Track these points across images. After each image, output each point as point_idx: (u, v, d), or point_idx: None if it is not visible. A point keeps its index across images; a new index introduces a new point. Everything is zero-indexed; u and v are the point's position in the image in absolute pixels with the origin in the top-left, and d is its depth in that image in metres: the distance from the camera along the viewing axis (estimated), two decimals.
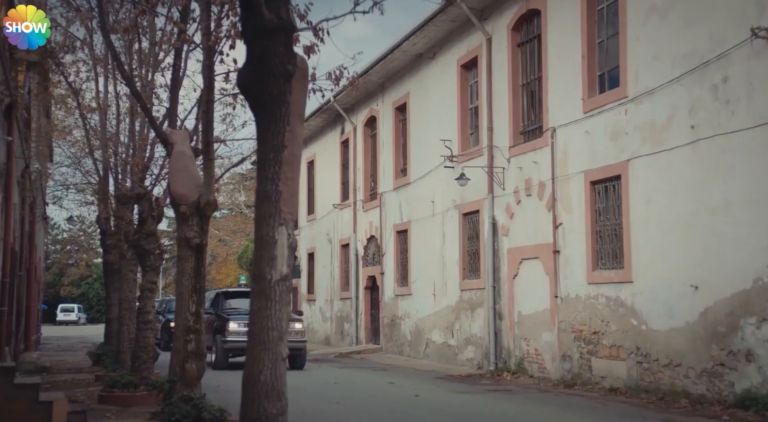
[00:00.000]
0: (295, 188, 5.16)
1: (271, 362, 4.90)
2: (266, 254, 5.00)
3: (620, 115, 13.19)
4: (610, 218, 13.59)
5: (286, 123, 5.07)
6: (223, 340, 18.27)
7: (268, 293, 4.97)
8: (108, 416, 10.73)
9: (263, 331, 4.95)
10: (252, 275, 5.10)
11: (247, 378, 4.95)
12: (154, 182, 13.06)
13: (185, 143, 8.90)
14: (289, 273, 5.09)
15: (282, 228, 5.05)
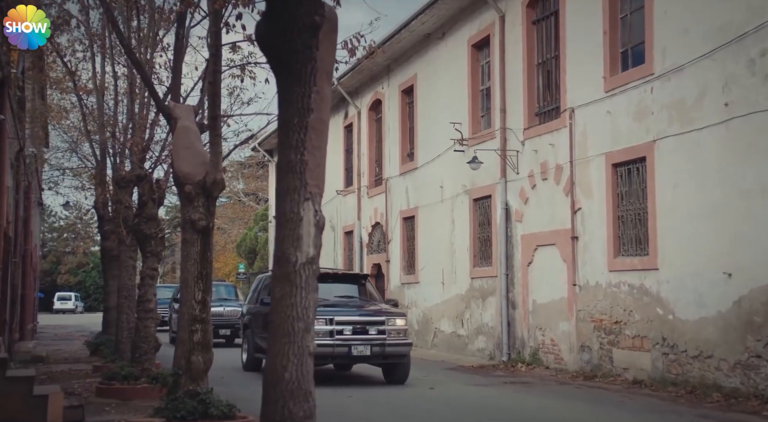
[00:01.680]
0: (322, 157, 4.50)
1: (297, 357, 4.27)
2: (290, 234, 4.36)
3: (645, 93, 12.53)
4: (634, 203, 12.95)
5: (312, 83, 4.42)
6: None
7: (292, 278, 4.33)
8: (107, 410, 10.12)
9: (287, 322, 4.31)
10: (274, 257, 4.46)
11: (269, 376, 4.31)
12: (155, 164, 12.41)
13: (190, 117, 8.25)
14: (316, 255, 4.44)
15: (308, 204, 4.40)
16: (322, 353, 11.50)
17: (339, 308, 12.99)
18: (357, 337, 12.45)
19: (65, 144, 22.17)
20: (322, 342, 11.74)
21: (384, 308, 13.51)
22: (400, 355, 12.78)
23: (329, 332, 12.27)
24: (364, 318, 12.79)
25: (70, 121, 19.32)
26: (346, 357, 12.58)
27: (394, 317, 12.96)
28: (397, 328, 12.80)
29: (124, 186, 14.25)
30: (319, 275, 4.44)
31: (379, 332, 12.56)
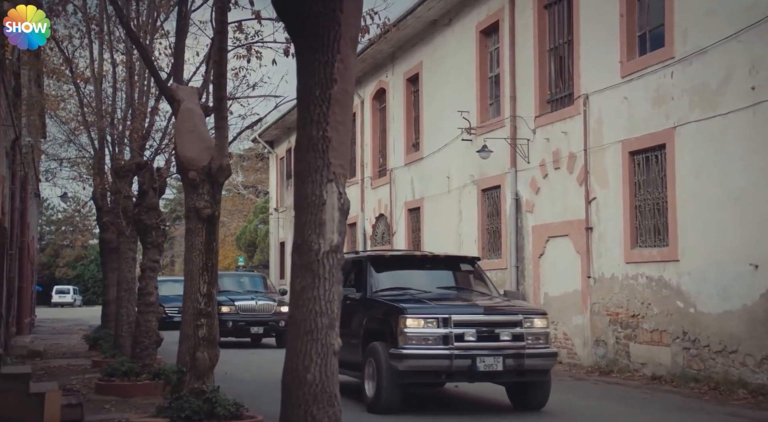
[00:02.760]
0: (346, 134, 4.05)
1: (320, 356, 3.82)
2: (312, 219, 3.90)
3: (665, 78, 12.07)
4: (652, 192, 12.50)
5: (335, 50, 3.95)
6: (398, 354, 8.86)
7: (314, 269, 3.88)
8: (107, 408, 9.69)
9: (309, 317, 3.86)
10: (293, 245, 4.00)
11: (289, 378, 3.86)
12: (156, 152, 11.94)
13: (193, 99, 7.78)
14: (341, 243, 3.99)
15: (331, 185, 3.95)
16: (434, 366, 8.82)
17: (453, 304, 9.54)
18: (484, 345, 8.90)
19: (62, 135, 21.74)
20: (434, 352, 8.76)
21: (517, 304, 10.11)
22: (541, 371, 9.22)
23: (444, 337, 8.82)
24: (493, 317, 9.21)
25: (68, 112, 18.86)
26: (469, 372, 8.88)
27: (533, 316, 9.32)
28: (537, 331, 9.19)
29: (124, 176, 13.78)
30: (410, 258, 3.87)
31: (514, 337, 9.03)
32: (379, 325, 9.43)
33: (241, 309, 19.32)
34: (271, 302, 19.79)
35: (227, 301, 19.33)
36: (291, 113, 29.79)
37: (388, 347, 8.97)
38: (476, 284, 10.67)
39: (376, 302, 9.73)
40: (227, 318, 18.79)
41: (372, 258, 10.67)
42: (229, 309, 19.23)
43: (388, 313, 9.26)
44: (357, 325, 9.74)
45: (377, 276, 10.27)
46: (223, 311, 18.67)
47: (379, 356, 9.06)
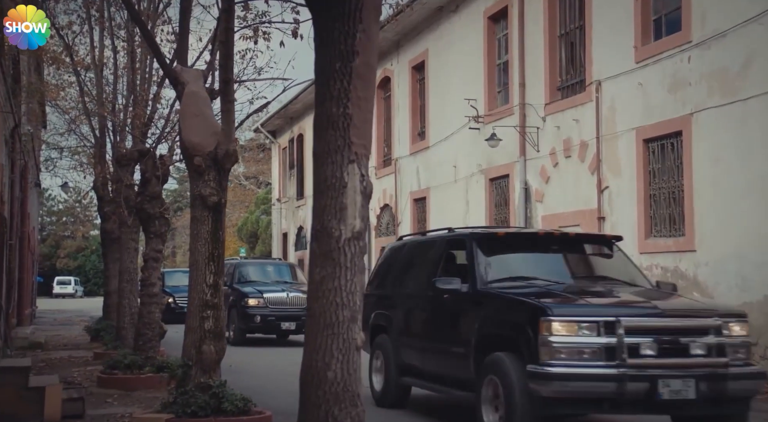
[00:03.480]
0: (369, 111, 3.73)
1: (342, 352, 3.51)
2: (332, 204, 3.59)
3: (681, 63, 11.73)
4: (667, 180, 12.18)
5: (357, 20, 3.63)
6: (540, 373, 6.31)
7: (335, 257, 3.57)
8: (109, 402, 9.42)
9: (330, 310, 3.56)
10: (312, 232, 3.69)
11: (307, 376, 3.56)
12: (158, 139, 11.63)
13: (198, 82, 7.46)
14: (363, 229, 3.69)
15: (353, 167, 3.64)
16: (595, 392, 6.22)
17: (616, 302, 7.03)
18: (669, 362, 6.29)
19: (63, 124, 21.42)
20: (596, 371, 6.16)
21: (707, 302, 8.35)
22: (743, 397, 6.60)
23: (610, 350, 6.20)
24: (680, 321, 6.53)
25: (68, 102, 18.55)
26: (647, 401, 6.26)
27: (732, 319, 6.64)
28: (737, 341, 6.54)
29: (125, 164, 13.51)
30: (530, 237, 3.23)
31: (711, 350, 6.37)
32: (503, 330, 6.90)
33: (270, 302, 17.45)
34: (303, 295, 17.13)
35: (255, 293, 17.75)
36: (294, 103, 29.48)
37: (520, 361, 6.40)
38: (621, 272, 7.92)
39: (494, 298, 7.17)
40: (255, 311, 17.34)
41: (479, 238, 7.97)
42: (257, 302, 17.48)
43: (518, 313, 6.69)
44: (466, 329, 7.27)
45: (488, 262, 7.65)
46: (251, 305, 17.40)
47: (507, 374, 6.46)
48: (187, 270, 26.70)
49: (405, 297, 8.94)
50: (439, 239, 8.73)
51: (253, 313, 17.27)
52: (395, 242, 10.26)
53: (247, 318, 17.30)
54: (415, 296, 8.65)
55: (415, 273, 8.91)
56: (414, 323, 8.71)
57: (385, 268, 9.85)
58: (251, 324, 17.37)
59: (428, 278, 8.14)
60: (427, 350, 8.21)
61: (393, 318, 9.00)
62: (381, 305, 9.33)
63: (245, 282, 18.77)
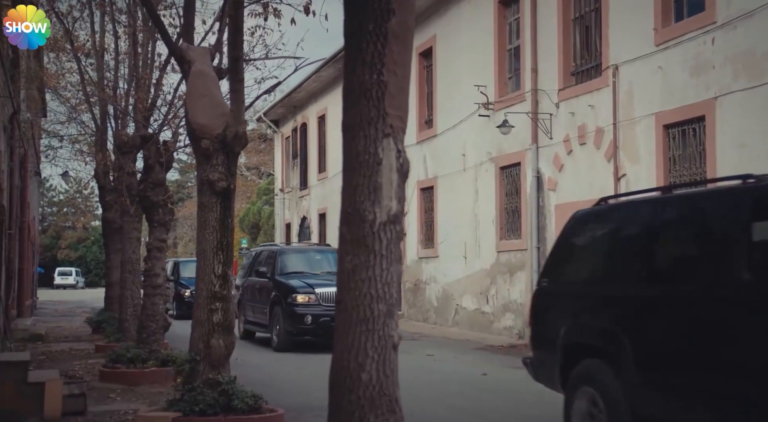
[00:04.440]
0: (405, 78, 3.32)
1: (377, 351, 3.11)
2: (364, 183, 3.18)
3: (705, 45, 11.30)
4: (689, 167, 11.76)
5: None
6: None
7: (369, 243, 3.16)
8: (112, 397, 9.06)
9: (363, 303, 3.15)
10: (341, 215, 3.28)
11: (339, 378, 3.15)
12: (162, 124, 11.22)
13: (206, 61, 7.05)
14: (400, 212, 3.29)
15: (388, 141, 3.23)
16: None
17: None
18: None
19: (63, 112, 21.02)
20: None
21: None
22: None
23: None
24: None
25: (68, 90, 18.15)
26: None
27: None
28: None
29: (127, 152, 13.15)
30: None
31: None
32: None
33: (323, 299, 14.08)
34: None
35: (304, 287, 14.49)
36: (297, 91, 29.02)
37: None
38: None
39: None
40: (304, 310, 14.15)
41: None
42: (308, 299, 14.26)
43: None
44: None
45: None
46: (300, 302, 14.24)
47: None
48: None
49: (657, 300, 5.33)
50: (729, 194, 5.27)
51: (303, 312, 14.11)
52: (594, 208, 6.46)
53: (296, 319, 14.12)
54: (686, 299, 5.11)
55: (677, 258, 5.51)
56: (684, 347, 5.05)
57: (584, 248, 6.47)
58: (301, 325, 14.15)
59: (717, 266, 4.93)
60: (719, 398, 4.77)
61: (625, 335, 5.43)
62: (588, 311, 6.07)
63: (290, 274, 15.37)
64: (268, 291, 15.18)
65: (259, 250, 18.12)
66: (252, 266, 16.98)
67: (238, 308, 16.41)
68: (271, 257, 15.99)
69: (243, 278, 17.41)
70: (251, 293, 16.37)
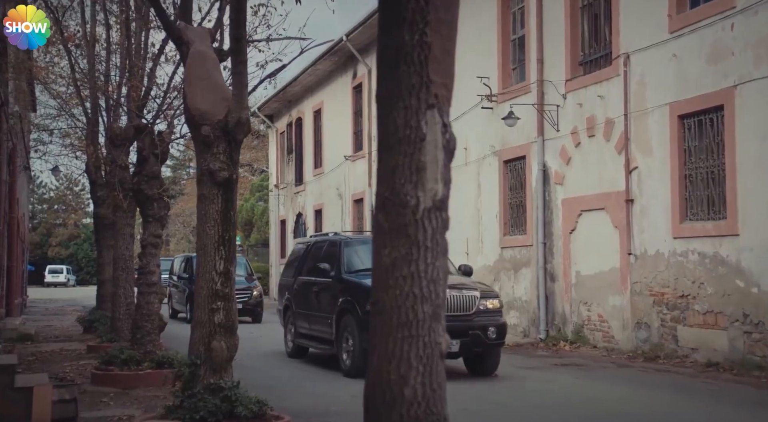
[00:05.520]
0: (452, 39, 2.84)
1: (423, 362, 2.62)
2: (405, 162, 2.68)
3: (723, 31, 10.85)
4: (705, 159, 11.31)
5: None
6: None
7: (411, 233, 2.67)
8: (105, 401, 8.55)
9: (405, 304, 2.66)
10: (377, 201, 2.80)
11: (376, 393, 2.67)
12: (157, 113, 10.71)
13: (205, 42, 6.55)
14: (447, 196, 2.81)
15: (432, 113, 2.74)
16: None
17: None
18: None
19: (53, 110, 20.47)
20: None
21: None
22: None
23: None
24: None
25: (58, 85, 17.59)
26: None
27: None
28: None
29: (120, 144, 12.65)
30: None
31: None
32: None
33: None
34: (470, 292, 10.36)
35: None
36: (292, 85, 28.46)
37: None
38: None
39: None
40: None
41: None
42: None
43: None
44: None
45: None
46: None
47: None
48: None
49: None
50: None
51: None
52: None
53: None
54: None
55: None
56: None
57: None
58: None
59: None
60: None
61: None
62: None
63: (363, 272, 10.99)
64: (333, 295, 11.26)
65: (310, 241, 13.81)
66: (302, 262, 13.08)
67: (284, 317, 13.48)
68: (332, 251, 12.04)
69: (290, 279, 13.47)
70: (305, 298, 12.39)
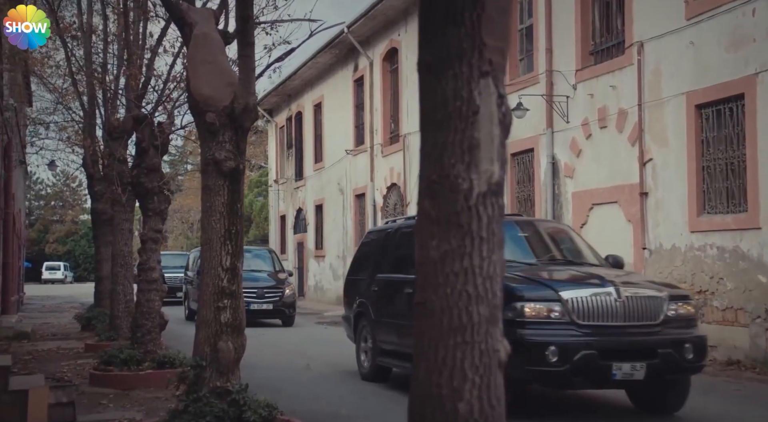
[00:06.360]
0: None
1: (479, 372, 2.23)
2: (456, 140, 2.29)
3: (744, 17, 10.47)
4: (724, 150, 10.94)
5: None
6: None
7: (464, 222, 2.28)
8: (104, 404, 8.17)
9: (458, 305, 2.27)
10: (423, 185, 2.41)
11: (425, 408, 2.29)
12: (157, 103, 10.34)
13: (209, 23, 6.16)
14: (503, 179, 2.44)
15: (487, 82, 2.35)
16: None
17: None
18: None
19: (50, 103, 20.09)
20: None
21: None
22: None
23: None
24: None
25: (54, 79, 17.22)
26: None
27: None
28: None
29: (118, 137, 12.28)
30: None
31: None
32: None
33: (579, 312, 7.00)
34: (655, 291, 7.38)
35: (536, 288, 7.23)
36: (292, 79, 28.04)
37: None
38: None
39: None
40: (542, 334, 6.99)
41: None
42: (547, 311, 7.01)
43: None
44: None
45: None
46: (530, 318, 7.04)
47: None
48: (250, 248, 21.68)
49: None
50: None
51: (540, 339, 6.83)
52: None
53: (525, 354, 6.71)
54: None
55: None
56: None
57: None
58: (535, 366, 6.84)
59: None
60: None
61: None
62: None
63: None
64: None
65: (392, 227, 9.91)
66: (381, 255, 9.68)
67: (356, 328, 9.87)
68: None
69: (362, 277, 10.02)
70: (391, 303, 9.14)
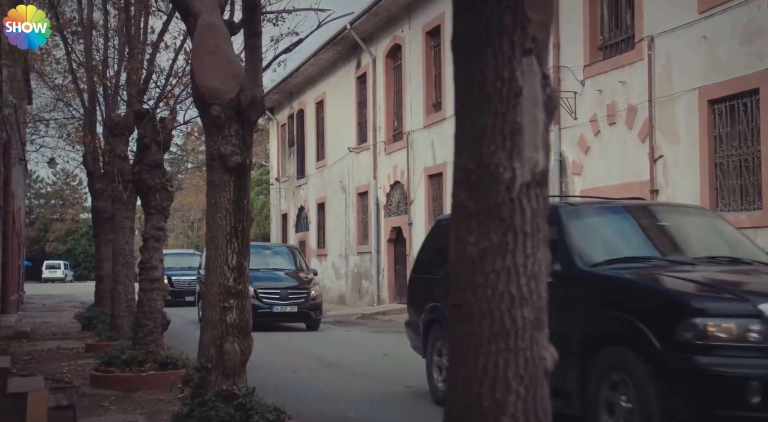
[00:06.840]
0: None
1: (524, 382, 2.01)
2: (496, 124, 2.06)
3: (758, 10, 10.27)
4: (738, 147, 10.74)
5: None
6: None
7: (506, 216, 2.05)
8: (105, 406, 7.95)
9: (500, 307, 2.05)
10: (459, 176, 2.19)
11: (461, 417, 2.09)
12: (159, 97, 10.13)
13: (215, 13, 5.94)
14: (548, 168, 2.22)
15: (530, 61, 2.11)
16: None
17: None
18: None
19: (50, 100, 19.88)
20: None
21: None
22: None
23: None
24: None
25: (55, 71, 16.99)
26: None
27: None
28: None
29: (119, 133, 12.08)
30: None
31: None
32: None
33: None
34: None
35: (721, 298, 5.05)
36: (294, 76, 27.83)
37: None
38: None
39: None
40: (735, 366, 4.68)
41: None
42: (741, 331, 4.73)
43: None
44: None
45: None
46: (716, 341, 4.77)
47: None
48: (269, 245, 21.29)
49: None
50: None
51: (736, 373, 4.59)
52: None
53: (723, 391, 4.61)
54: None
55: None
56: None
57: None
58: (736, 410, 4.59)
59: None
60: None
61: None
62: None
63: (619, 262, 5.85)
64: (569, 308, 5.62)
65: None
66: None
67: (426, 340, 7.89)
68: (556, 226, 6.08)
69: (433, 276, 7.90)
70: None
